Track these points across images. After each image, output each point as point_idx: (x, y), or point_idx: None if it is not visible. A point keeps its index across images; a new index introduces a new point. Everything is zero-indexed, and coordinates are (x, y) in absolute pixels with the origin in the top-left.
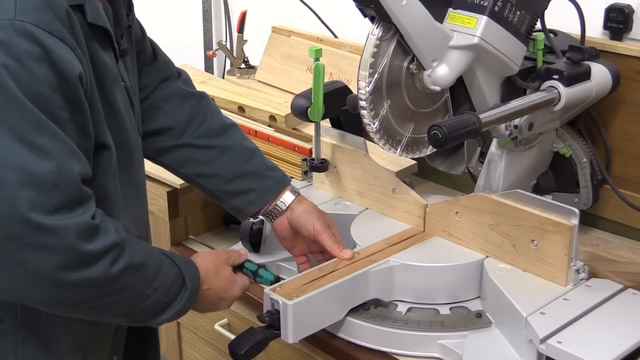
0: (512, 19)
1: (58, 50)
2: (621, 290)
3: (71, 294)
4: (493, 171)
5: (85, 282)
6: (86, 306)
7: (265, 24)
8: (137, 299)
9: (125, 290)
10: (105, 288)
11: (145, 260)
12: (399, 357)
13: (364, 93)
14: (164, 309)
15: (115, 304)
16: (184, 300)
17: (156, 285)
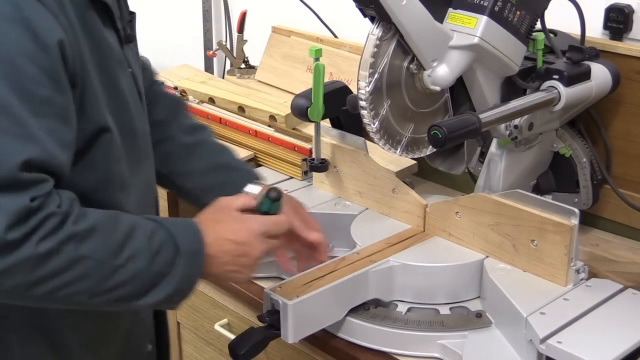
0: (512, 19)
1: (34, 13)
2: (621, 290)
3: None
4: (493, 171)
5: (7, 268)
6: (40, 292)
7: (265, 24)
8: (103, 272)
9: (78, 263)
10: (44, 267)
11: (101, 227)
12: (399, 357)
13: (364, 93)
14: (157, 282)
15: (80, 281)
16: (182, 266)
17: (129, 253)
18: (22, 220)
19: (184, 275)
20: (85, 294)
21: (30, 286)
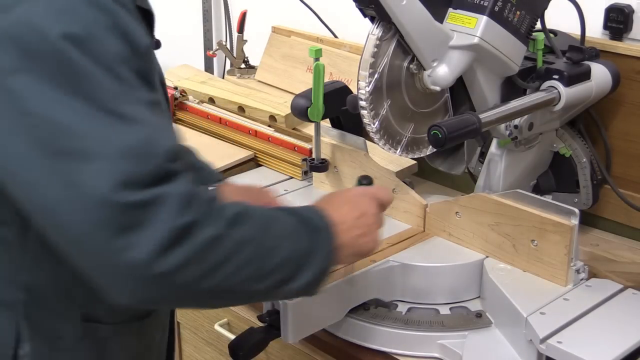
0: (512, 19)
1: (127, 20)
2: (621, 290)
3: (183, 274)
4: (493, 171)
5: (189, 256)
6: (213, 281)
7: (265, 24)
8: (265, 252)
9: (243, 246)
10: (216, 252)
11: (248, 210)
12: (399, 357)
13: (364, 93)
14: (305, 261)
15: (247, 265)
16: (322, 242)
17: (279, 234)
18: (189, 205)
19: (327, 251)
20: (252, 280)
21: (203, 277)
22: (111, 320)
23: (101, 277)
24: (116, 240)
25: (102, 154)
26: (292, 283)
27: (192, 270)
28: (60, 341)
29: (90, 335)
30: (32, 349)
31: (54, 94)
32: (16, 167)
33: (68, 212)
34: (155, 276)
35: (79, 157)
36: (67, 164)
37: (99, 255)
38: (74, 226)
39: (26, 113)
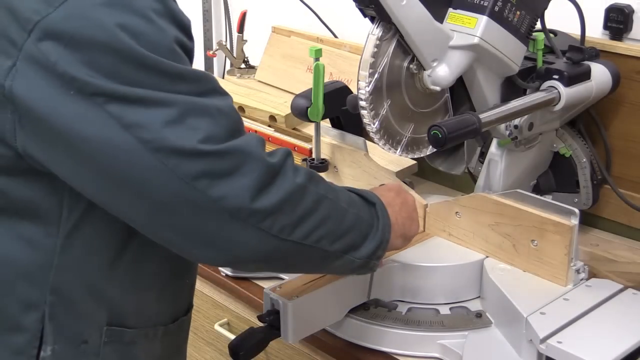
0: (512, 19)
1: (174, 5)
2: (621, 290)
3: (278, 220)
4: (493, 171)
5: (283, 199)
6: (300, 233)
7: (265, 24)
8: (338, 213)
9: (321, 202)
10: (303, 201)
11: (317, 175)
12: (399, 357)
13: (364, 93)
14: (369, 231)
15: (325, 223)
16: (379, 216)
17: (347, 199)
18: (271, 154)
19: (384, 224)
20: (329, 238)
21: (294, 225)
22: (137, 325)
23: (201, 234)
24: (214, 189)
25: (181, 118)
26: (357, 251)
27: (286, 215)
28: (84, 345)
29: (115, 340)
30: (55, 351)
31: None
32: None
33: (160, 174)
34: (256, 216)
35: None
36: (152, 133)
37: (199, 209)
38: (169, 185)
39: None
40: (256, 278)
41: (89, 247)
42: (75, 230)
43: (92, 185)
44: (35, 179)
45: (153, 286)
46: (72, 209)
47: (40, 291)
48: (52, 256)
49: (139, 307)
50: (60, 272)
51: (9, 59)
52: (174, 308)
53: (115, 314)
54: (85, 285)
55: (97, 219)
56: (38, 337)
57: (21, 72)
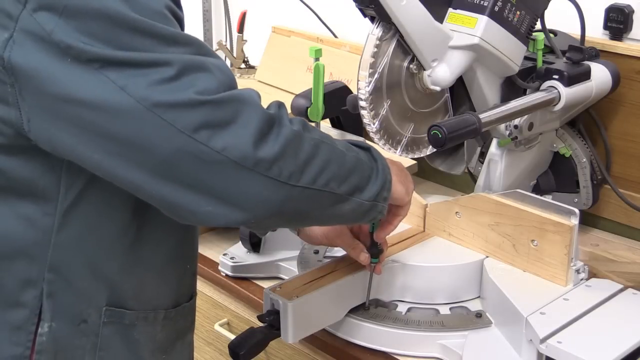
0: (512, 19)
1: None
2: (621, 290)
3: (285, 166)
4: (493, 171)
5: (285, 146)
6: (308, 177)
7: (265, 24)
8: (338, 156)
9: (320, 146)
10: (303, 147)
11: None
12: (399, 357)
13: (364, 93)
14: (371, 173)
15: (328, 166)
16: (378, 159)
17: (344, 145)
18: (266, 106)
19: (383, 164)
20: (336, 180)
21: (300, 170)
22: (137, 307)
23: (211, 190)
24: (215, 139)
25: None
26: (363, 192)
27: (290, 161)
28: (84, 325)
29: (115, 321)
30: (53, 328)
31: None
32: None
33: (160, 129)
34: (262, 164)
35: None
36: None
37: (203, 162)
38: (171, 140)
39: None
40: (256, 278)
41: (88, 226)
42: (73, 209)
43: (95, 152)
44: (33, 158)
45: (153, 268)
46: (70, 187)
47: (39, 268)
48: (49, 234)
49: (139, 288)
50: (58, 250)
51: (5, 31)
52: (174, 292)
53: (115, 295)
54: (84, 264)
55: (95, 197)
56: (36, 313)
57: (18, 43)
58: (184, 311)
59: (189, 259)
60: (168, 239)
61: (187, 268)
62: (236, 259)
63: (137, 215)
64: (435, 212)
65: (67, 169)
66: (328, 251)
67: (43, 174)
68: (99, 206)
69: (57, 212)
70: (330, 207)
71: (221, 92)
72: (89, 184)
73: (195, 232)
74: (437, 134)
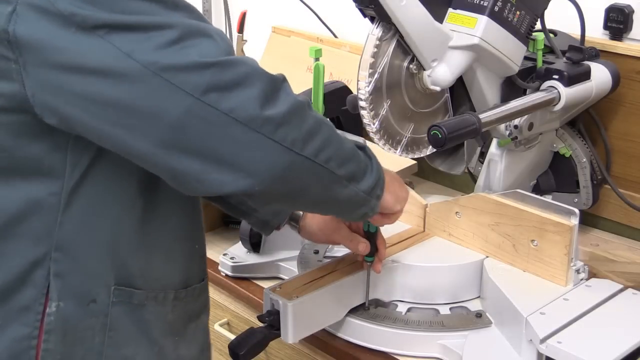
0: (512, 19)
1: None
2: (621, 290)
3: (289, 132)
4: (493, 171)
5: (290, 111)
6: (311, 149)
7: (265, 24)
8: (338, 139)
9: (322, 124)
10: (307, 119)
11: None
12: (399, 357)
13: (364, 93)
14: (366, 167)
15: (329, 144)
16: (372, 157)
17: (341, 135)
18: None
19: (378, 164)
20: (336, 160)
21: (304, 140)
22: (145, 286)
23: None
24: (223, 101)
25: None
26: (359, 183)
27: (294, 128)
28: (93, 304)
29: (124, 300)
30: (60, 308)
31: None
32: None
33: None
34: (268, 125)
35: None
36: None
37: (212, 124)
38: (180, 103)
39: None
40: (256, 278)
41: (94, 205)
42: (79, 187)
43: (102, 123)
44: (38, 136)
45: (160, 246)
46: (75, 166)
47: (46, 248)
48: (55, 213)
49: (147, 267)
50: (64, 229)
51: (8, 5)
52: (183, 272)
53: (123, 274)
54: (92, 242)
55: (101, 176)
56: (44, 293)
57: (22, 16)
58: (195, 292)
59: (196, 239)
60: (174, 217)
61: (195, 248)
62: (236, 259)
63: (144, 194)
64: (435, 212)
65: (73, 147)
66: (328, 251)
67: (48, 152)
68: (105, 184)
69: (63, 191)
70: (329, 187)
71: (224, 55)
72: (95, 161)
73: (200, 214)
74: (437, 134)
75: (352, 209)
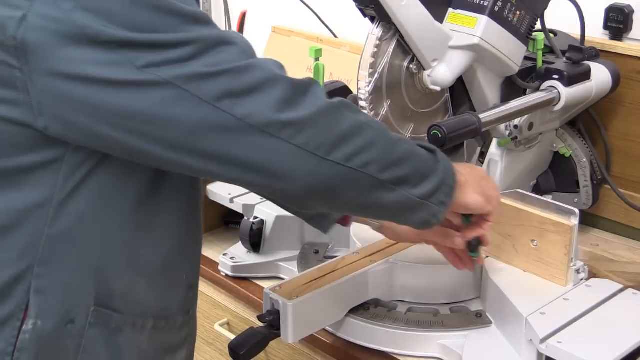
0: (512, 19)
1: None
2: (621, 290)
3: (312, 137)
4: (493, 171)
5: (314, 114)
6: (340, 154)
7: (265, 24)
8: (386, 142)
9: (363, 127)
10: (340, 122)
11: None
12: (399, 357)
13: (364, 93)
14: (428, 171)
15: (369, 148)
16: (441, 160)
17: (397, 136)
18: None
19: (446, 169)
20: (377, 165)
21: (332, 144)
22: (125, 310)
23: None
24: (238, 107)
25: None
26: (412, 188)
27: (319, 132)
28: (71, 325)
29: (101, 322)
30: (37, 327)
31: None
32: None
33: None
34: (287, 130)
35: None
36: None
37: (228, 131)
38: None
39: None
40: (256, 278)
41: (83, 219)
42: (70, 200)
43: (113, 130)
44: (34, 148)
45: (146, 270)
46: (68, 179)
47: (29, 262)
48: (42, 226)
49: (130, 289)
50: (50, 244)
51: (19, 11)
52: (165, 300)
53: (104, 294)
54: (76, 258)
55: (94, 190)
56: (22, 309)
57: (32, 23)
58: (176, 325)
59: (187, 269)
60: (167, 242)
61: (182, 279)
62: (236, 259)
63: (138, 212)
64: None
65: (68, 160)
66: (328, 251)
67: (43, 164)
68: (97, 199)
69: (52, 203)
70: (370, 192)
71: (242, 60)
72: (89, 175)
73: (198, 244)
74: (437, 134)
75: (406, 214)
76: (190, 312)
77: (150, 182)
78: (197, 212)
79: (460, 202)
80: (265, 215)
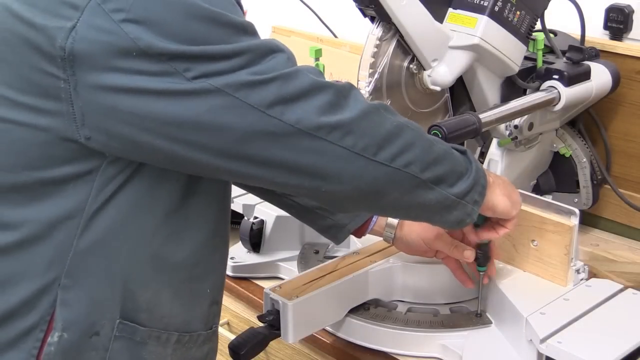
0: (512, 19)
1: None
2: (621, 290)
3: (360, 138)
4: (493, 171)
5: (360, 116)
6: (386, 154)
7: (265, 24)
8: (424, 142)
9: (403, 128)
10: (383, 124)
11: None
12: (399, 357)
13: (364, 93)
14: (463, 170)
15: (411, 148)
16: (473, 161)
17: (429, 135)
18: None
19: (478, 169)
20: (418, 164)
21: (378, 145)
22: (149, 323)
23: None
24: (288, 113)
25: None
26: (450, 187)
27: (366, 134)
28: (96, 337)
29: (126, 336)
30: (62, 340)
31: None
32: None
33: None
34: (337, 132)
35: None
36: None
37: (278, 136)
38: (245, 118)
39: None
40: (256, 278)
41: (113, 231)
42: (101, 212)
43: (158, 139)
44: (72, 160)
45: (172, 282)
46: (101, 191)
47: (56, 273)
48: (72, 238)
49: (155, 302)
50: (78, 256)
51: (69, 21)
52: (188, 314)
53: (130, 307)
54: (103, 270)
55: (126, 202)
56: (47, 320)
57: (82, 34)
58: (199, 340)
59: (212, 284)
60: (194, 258)
61: (207, 292)
62: (236, 259)
63: (168, 225)
64: None
65: (103, 173)
66: (328, 251)
67: (78, 176)
68: (128, 211)
69: (83, 215)
70: (412, 191)
71: (288, 67)
72: (123, 188)
73: (224, 260)
74: (437, 134)
75: (443, 213)
76: (213, 328)
77: (181, 194)
78: (224, 227)
79: (489, 204)
80: (265, 215)
